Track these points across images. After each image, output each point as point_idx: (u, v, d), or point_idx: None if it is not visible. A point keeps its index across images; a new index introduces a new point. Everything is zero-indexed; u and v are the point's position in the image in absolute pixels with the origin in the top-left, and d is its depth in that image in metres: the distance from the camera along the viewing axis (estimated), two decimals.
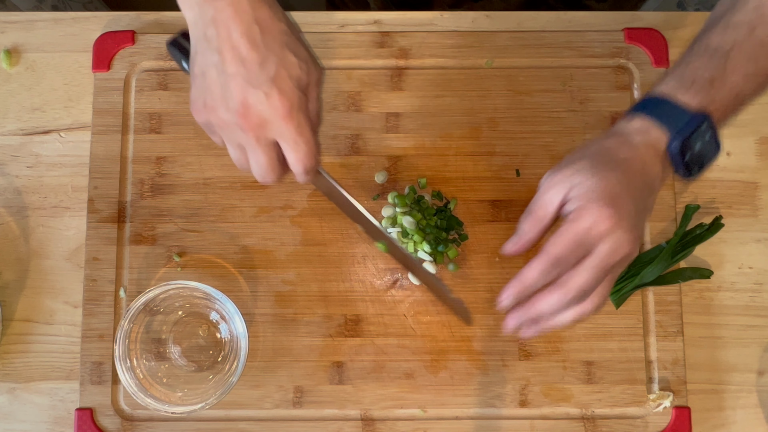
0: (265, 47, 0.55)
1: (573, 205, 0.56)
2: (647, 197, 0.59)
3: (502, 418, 0.75)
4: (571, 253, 0.55)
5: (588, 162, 0.58)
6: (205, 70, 0.56)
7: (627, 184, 0.57)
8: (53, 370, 0.76)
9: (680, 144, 0.57)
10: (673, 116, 0.58)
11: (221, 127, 0.58)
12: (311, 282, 0.77)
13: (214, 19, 0.54)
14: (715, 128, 0.59)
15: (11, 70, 0.82)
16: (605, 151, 0.58)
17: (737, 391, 0.76)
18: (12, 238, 0.79)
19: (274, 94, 0.55)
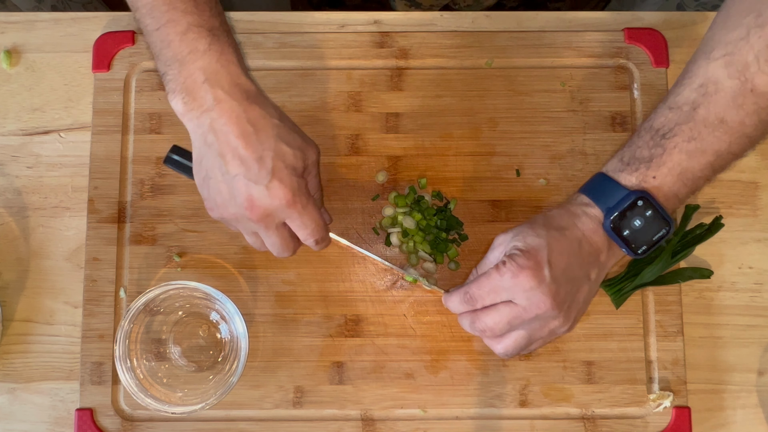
0: (260, 144, 0.61)
1: (506, 254, 0.61)
2: (586, 268, 0.62)
3: (503, 418, 0.75)
4: (483, 295, 0.62)
5: (529, 225, 0.63)
6: (210, 173, 0.62)
7: (553, 251, 0.60)
8: (53, 371, 0.76)
9: (613, 221, 0.61)
10: (607, 194, 0.62)
11: (234, 221, 0.64)
12: (311, 282, 0.77)
13: (212, 127, 0.61)
14: (658, 206, 0.61)
15: (11, 71, 0.82)
16: (549, 219, 0.63)
17: (737, 391, 0.76)
18: (12, 239, 0.79)
19: (274, 185, 0.61)
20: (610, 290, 0.75)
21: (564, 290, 0.61)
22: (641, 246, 0.62)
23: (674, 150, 0.60)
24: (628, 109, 0.79)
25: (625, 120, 0.79)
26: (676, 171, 0.60)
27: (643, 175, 0.61)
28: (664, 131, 0.61)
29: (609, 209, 0.61)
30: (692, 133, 0.60)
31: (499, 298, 0.61)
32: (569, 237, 0.61)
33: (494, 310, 0.62)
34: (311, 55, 0.81)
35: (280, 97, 0.79)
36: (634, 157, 0.62)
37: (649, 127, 0.62)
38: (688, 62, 0.62)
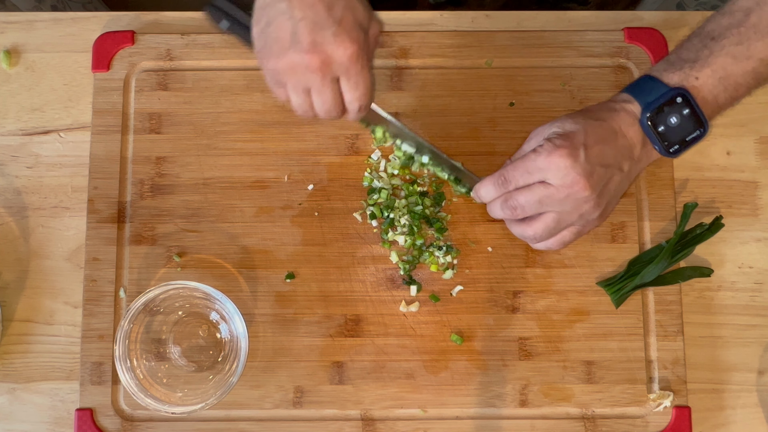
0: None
1: (545, 138, 0.63)
2: (621, 160, 0.63)
3: (503, 418, 0.75)
4: (518, 176, 0.62)
5: (568, 115, 0.64)
6: (272, 20, 0.58)
7: (589, 138, 0.62)
8: (53, 371, 0.76)
9: (650, 115, 0.62)
10: (648, 90, 0.63)
11: (289, 72, 0.59)
12: (311, 282, 0.77)
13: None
14: (696, 105, 0.62)
15: (11, 71, 0.82)
16: (588, 110, 0.64)
17: (737, 390, 0.76)
18: (12, 239, 0.79)
19: (342, 33, 0.57)
20: (610, 290, 0.75)
21: (597, 174, 0.61)
22: (674, 144, 0.63)
23: (721, 52, 0.61)
24: None
25: None
26: (719, 74, 0.62)
27: (686, 74, 0.62)
28: (713, 34, 0.62)
29: (648, 104, 0.62)
30: (741, 37, 0.61)
31: (533, 178, 0.62)
32: (605, 127, 0.62)
33: (527, 189, 0.62)
34: None
35: None
36: (680, 58, 0.63)
37: (699, 32, 0.63)
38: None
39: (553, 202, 0.62)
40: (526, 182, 0.62)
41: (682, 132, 0.63)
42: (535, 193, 0.62)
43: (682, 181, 0.80)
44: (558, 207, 0.62)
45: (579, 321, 0.76)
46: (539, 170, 0.61)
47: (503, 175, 0.63)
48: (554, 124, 0.63)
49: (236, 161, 0.79)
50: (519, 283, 0.76)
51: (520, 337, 0.76)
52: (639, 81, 0.64)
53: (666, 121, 0.62)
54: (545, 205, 0.62)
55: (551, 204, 0.62)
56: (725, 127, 0.81)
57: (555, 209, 0.63)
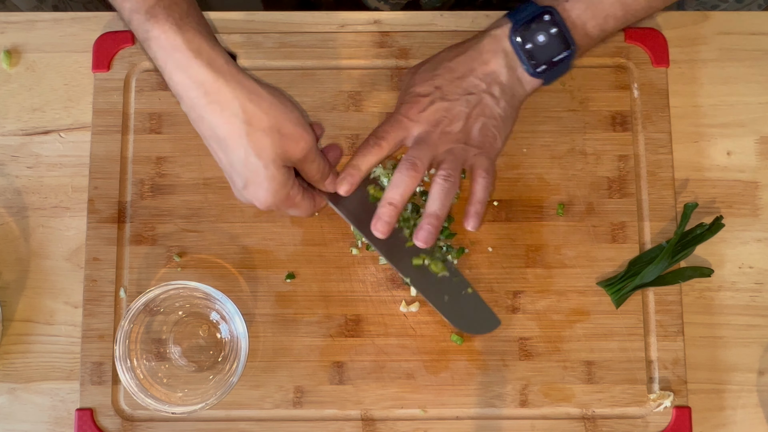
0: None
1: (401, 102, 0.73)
2: (488, 85, 0.69)
3: (503, 418, 0.75)
4: (387, 129, 0.70)
5: (426, 63, 0.73)
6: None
7: (449, 77, 0.69)
8: (53, 371, 0.76)
9: (519, 30, 0.67)
10: (520, 11, 0.68)
11: None
12: (311, 282, 0.77)
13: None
14: (562, 24, 0.67)
15: (11, 71, 0.82)
16: (449, 51, 0.72)
17: (738, 390, 0.76)
18: (12, 239, 0.79)
19: (251, 192, 0.65)
20: (611, 290, 0.75)
21: (459, 106, 0.69)
22: (541, 64, 0.68)
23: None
24: (628, 108, 0.79)
25: (625, 120, 0.79)
26: (587, 1, 0.67)
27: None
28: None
29: (516, 20, 0.68)
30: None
31: (406, 130, 0.70)
32: (461, 63, 0.69)
33: (412, 147, 0.69)
34: (311, 55, 0.80)
35: None
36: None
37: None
38: None
39: (432, 142, 0.68)
40: (396, 133, 0.69)
41: (549, 51, 0.67)
42: (413, 145, 0.69)
43: (683, 181, 0.80)
44: (438, 145, 0.69)
45: (579, 321, 0.76)
46: (408, 123, 0.69)
47: (376, 135, 0.69)
48: (413, 70, 0.73)
49: None
50: (519, 283, 0.76)
51: (520, 337, 0.76)
52: (518, 5, 0.69)
53: (533, 39, 0.67)
54: (431, 149, 0.68)
55: (433, 145, 0.68)
56: (725, 127, 0.81)
57: (439, 148, 0.69)
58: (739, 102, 0.81)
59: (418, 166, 0.67)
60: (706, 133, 0.81)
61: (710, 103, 0.81)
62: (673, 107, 0.80)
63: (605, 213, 0.78)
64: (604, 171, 0.78)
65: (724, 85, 0.82)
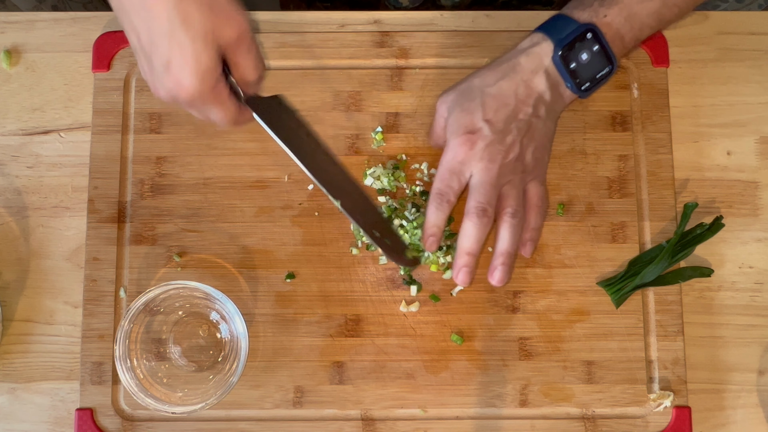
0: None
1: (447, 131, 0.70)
2: (535, 108, 0.67)
3: (503, 418, 0.75)
4: (447, 183, 0.68)
5: (463, 88, 0.70)
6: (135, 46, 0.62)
7: (487, 108, 0.67)
8: (53, 371, 0.76)
9: (562, 51, 0.66)
10: (560, 28, 0.67)
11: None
12: (311, 282, 0.77)
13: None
14: (604, 41, 0.66)
15: (11, 70, 0.82)
16: (484, 75, 0.69)
17: (738, 390, 0.76)
18: (12, 239, 0.79)
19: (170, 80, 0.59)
20: (611, 290, 0.75)
21: (510, 134, 0.67)
22: (585, 82, 0.67)
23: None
24: (628, 108, 0.79)
25: (625, 119, 0.79)
26: (626, 12, 0.66)
27: (596, 11, 0.66)
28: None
29: (560, 40, 0.66)
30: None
31: (460, 175, 0.68)
32: (505, 89, 0.67)
33: (468, 193, 0.68)
34: (311, 55, 0.80)
35: None
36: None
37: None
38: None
39: (493, 182, 0.67)
40: (459, 182, 0.68)
41: (592, 69, 0.66)
42: (475, 187, 0.68)
43: (683, 181, 0.80)
44: (504, 179, 0.68)
45: (579, 321, 0.76)
46: (462, 166, 0.68)
47: (435, 192, 0.69)
48: (452, 99, 0.70)
49: (236, 161, 0.79)
50: (519, 283, 0.76)
51: (520, 337, 0.76)
52: (551, 20, 0.68)
53: (577, 58, 0.66)
54: (490, 189, 0.67)
55: (493, 185, 0.67)
56: (725, 127, 0.81)
57: (507, 183, 0.69)
58: (739, 102, 0.81)
59: (488, 211, 0.68)
60: (706, 133, 0.81)
61: (710, 103, 0.81)
62: (673, 107, 0.80)
63: (605, 213, 0.78)
64: (604, 171, 0.78)
65: (724, 85, 0.82)
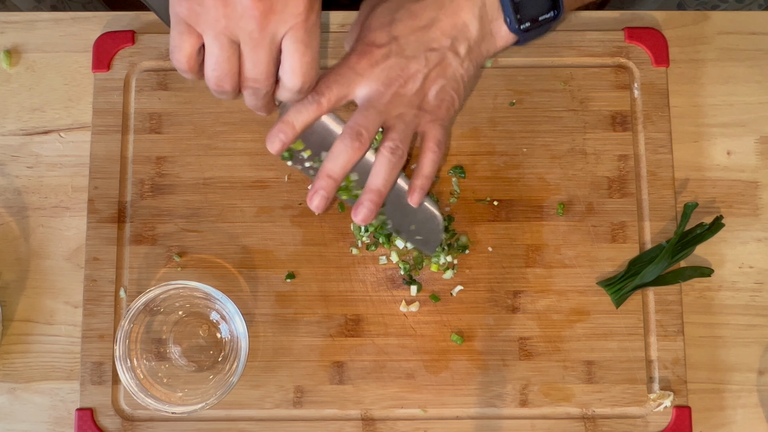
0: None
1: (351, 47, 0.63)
2: (453, 42, 0.61)
3: (503, 418, 0.75)
4: (330, 87, 0.59)
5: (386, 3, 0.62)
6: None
7: (409, 27, 0.60)
8: (53, 371, 0.76)
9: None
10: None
11: (215, 7, 0.47)
12: (311, 282, 0.77)
13: None
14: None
15: (11, 71, 0.82)
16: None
17: (738, 390, 0.76)
18: (12, 239, 0.79)
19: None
20: (611, 290, 0.75)
21: (416, 64, 0.60)
22: (526, 20, 0.62)
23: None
24: (629, 108, 0.79)
25: (625, 119, 0.79)
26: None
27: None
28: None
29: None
30: None
31: (352, 89, 0.60)
32: (428, 8, 0.60)
33: (358, 112, 0.60)
34: None
35: None
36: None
37: None
38: None
39: (381, 106, 0.60)
40: (344, 94, 0.59)
41: (537, 7, 0.61)
42: (364, 110, 0.60)
43: (683, 181, 0.80)
44: (388, 108, 0.60)
45: (579, 321, 0.76)
46: (355, 77, 0.59)
47: (317, 90, 0.59)
48: (374, 8, 0.62)
49: (236, 161, 0.79)
50: (519, 283, 0.76)
51: (520, 337, 0.76)
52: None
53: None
54: (381, 114, 0.60)
55: (383, 110, 0.60)
56: (725, 127, 0.81)
57: (389, 112, 0.60)
58: (739, 102, 0.81)
59: (364, 136, 0.59)
60: (706, 133, 0.81)
61: (710, 103, 0.81)
62: (674, 107, 0.80)
63: (605, 213, 0.78)
64: (604, 171, 0.78)
65: (724, 85, 0.82)
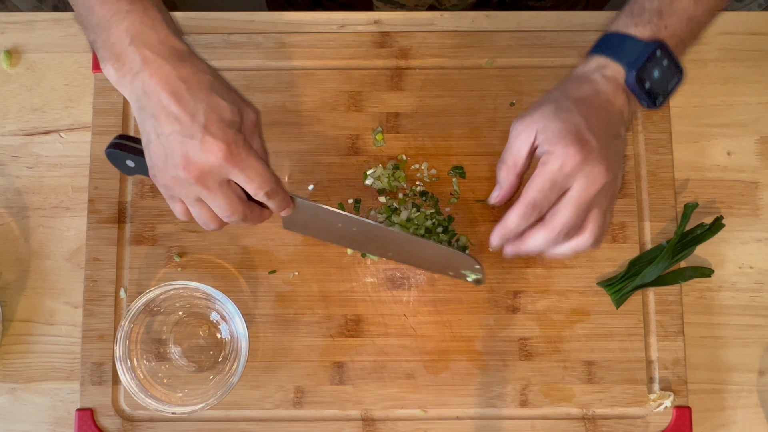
0: (193, 99, 0.57)
1: (542, 148, 0.59)
2: (616, 127, 0.62)
3: (503, 418, 0.75)
4: (546, 195, 0.59)
5: (551, 105, 0.61)
6: (149, 138, 0.59)
7: (589, 120, 0.60)
8: (54, 371, 0.76)
9: (636, 75, 0.61)
10: (626, 49, 0.62)
11: (176, 187, 0.60)
12: (311, 282, 0.77)
13: (144, 90, 0.57)
14: (672, 54, 0.62)
15: (11, 71, 0.82)
16: (567, 93, 0.62)
17: (738, 390, 0.76)
18: (12, 239, 0.79)
19: (208, 140, 0.57)
20: (611, 290, 0.75)
21: (610, 154, 0.60)
22: (659, 96, 0.63)
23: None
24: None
25: None
26: (685, 17, 0.62)
27: (656, 25, 0.62)
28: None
29: (630, 63, 0.61)
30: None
31: (561, 189, 0.59)
32: (595, 104, 0.61)
33: (562, 205, 0.59)
34: (311, 55, 0.81)
35: (280, 97, 0.79)
36: (642, 8, 0.62)
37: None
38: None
39: (591, 202, 0.59)
40: (556, 195, 0.59)
41: (665, 83, 0.63)
42: (572, 202, 0.59)
43: (683, 182, 0.80)
44: (596, 202, 0.60)
45: (579, 321, 0.76)
46: (562, 178, 0.58)
47: (528, 200, 0.59)
48: (543, 115, 0.60)
49: None
50: (519, 284, 0.76)
51: (520, 338, 0.76)
52: (609, 40, 0.63)
53: (651, 77, 0.62)
54: (586, 208, 0.59)
55: (590, 204, 0.59)
56: (726, 128, 0.81)
57: (595, 206, 0.60)
58: (739, 102, 0.81)
59: (570, 233, 0.61)
60: (706, 133, 0.81)
61: (710, 103, 0.81)
62: (674, 107, 0.80)
63: None
64: None
65: (724, 85, 0.82)
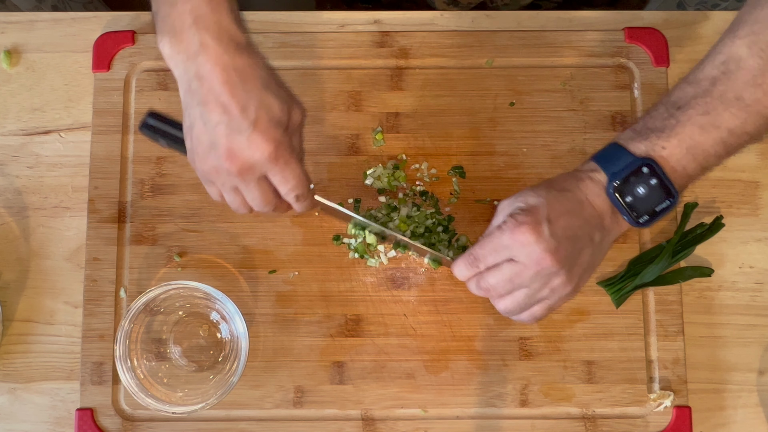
0: (246, 93, 0.57)
1: (509, 214, 0.61)
2: (587, 228, 0.61)
3: (503, 418, 0.75)
4: (488, 254, 0.61)
5: (531, 188, 0.62)
6: (193, 123, 0.59)
7: (560, 209, 0.60)
8: (54, 371, 0.76)
9: (617, 185, 0.60)
10: (613, 160, 0.61)
11: (215, 174, 0.61)
12: (311, 282, 0.77)
13: (197, 74, 0.58)
14: (664, 175, 0.60)
15: (11, 71, 0.82)
16: (552, 182, 0.63)
17: (738, 390, 0.76)
18: (12, 239, 0.79)
19: (256, 137, 0.57)
20: (611, 290, 0.75)
21: (564, 248, 0.60)
22: (643, 215, 0.62)
23: (687, 122, 0.60)
24: (629, 108, 0.79)
25: (625, 119, 0.79)
26: (687, 144, 0.60)
27: (653, 144, 0.60)
28: (679, 104, 0.60)
29: (613, 174, 0.61)
30: (707, 107, 0.59)
31: (501, 256, 0.61)
32: (570, 198, 0.61)
33: (496, 269, 0.61)
34: (311, 55, 0.81)
35: None
36: (646, 127, 0.61)
37: (666, 101, 0.62)
38: (716, 42, 0.61)
39: (523, 280, 0.61)
40: (494, 261, 0.61)
41: (650, 202, 0.61)
42: (504, 272, 0.61)
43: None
44: (528, 283, 0.61)
45: (579, 321, 0.76)
46: (505, 248, 0.60)
47: (472, 254, 0.62)
48: (518, 198, 0.62)
49: None
50: None
51: (520, 337, 0.76)
52: (606, 149, 0.63)
53: (633, 192, 0.61)
54: (516, 283, 0.61)
55: (521, 281, 0.61)
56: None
57: (526, 286, 0.61)
58: None
59: (491, 293, 0.63)
60: None
61: None
62: None
63: None
64: None
65: None
